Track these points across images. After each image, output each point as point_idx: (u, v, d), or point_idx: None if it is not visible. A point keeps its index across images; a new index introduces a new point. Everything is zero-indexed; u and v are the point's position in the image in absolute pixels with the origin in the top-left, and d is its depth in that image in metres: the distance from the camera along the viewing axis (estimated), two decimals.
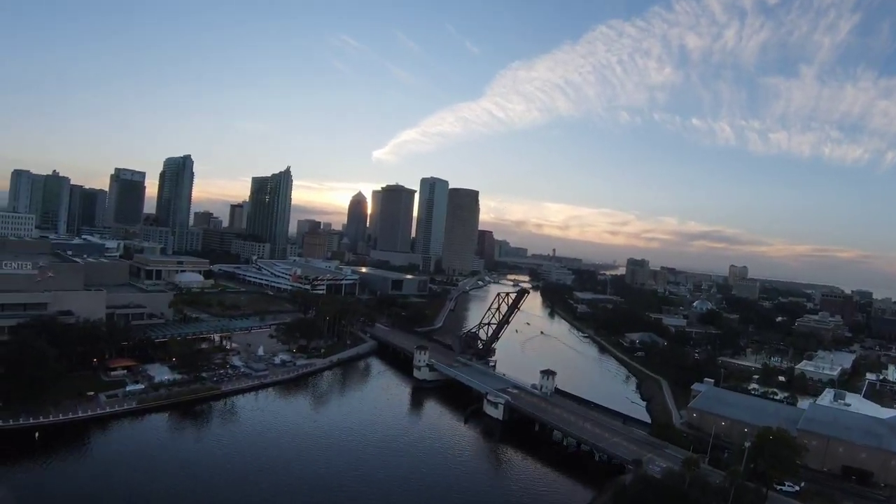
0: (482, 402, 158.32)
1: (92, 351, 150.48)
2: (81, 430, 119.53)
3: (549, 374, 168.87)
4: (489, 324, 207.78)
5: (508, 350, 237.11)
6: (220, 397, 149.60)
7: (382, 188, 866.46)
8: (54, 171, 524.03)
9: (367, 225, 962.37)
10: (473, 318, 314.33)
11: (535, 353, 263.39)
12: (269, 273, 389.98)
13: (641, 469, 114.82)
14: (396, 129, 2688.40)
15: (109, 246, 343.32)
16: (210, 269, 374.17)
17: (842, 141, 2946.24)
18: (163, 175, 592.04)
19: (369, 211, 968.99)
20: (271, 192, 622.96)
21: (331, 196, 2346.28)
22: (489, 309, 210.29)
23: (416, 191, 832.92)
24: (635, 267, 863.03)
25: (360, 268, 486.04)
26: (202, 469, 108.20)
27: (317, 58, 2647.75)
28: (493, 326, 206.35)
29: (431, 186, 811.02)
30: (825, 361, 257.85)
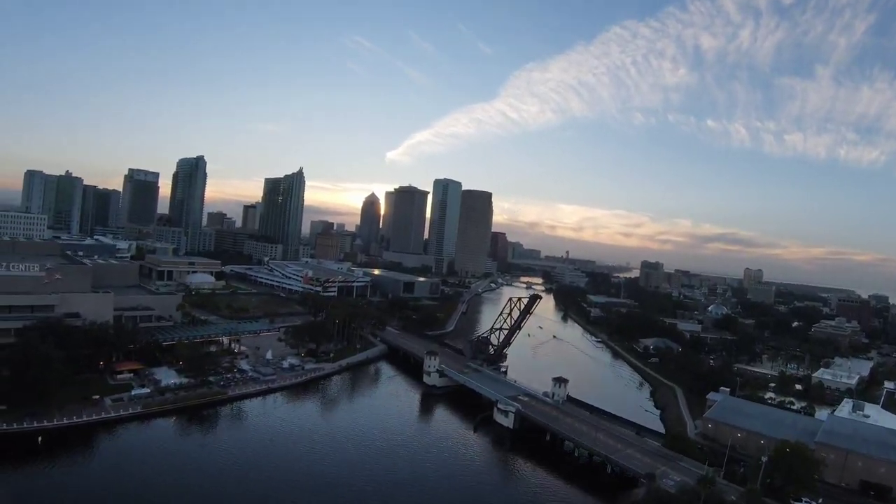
0: (493, 409, 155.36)
1: (98, 354, 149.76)
2: (85, 435, 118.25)
3: (561, 381, 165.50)
4: (501, 329, 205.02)
5: (520, 354, 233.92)
6: (227, 402, 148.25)
7: (395, 189, 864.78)
8: (67, 171, 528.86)
9: (380, 226, 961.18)
10: (485, 322, 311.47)
11: (547, 359, 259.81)
12: (280, 274, 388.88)
13: (655, 483, 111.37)
14: (410, 130, 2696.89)
15: (121, 247, 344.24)
16: (222, 270, 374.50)
17: (858, 143, 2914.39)
18: (176, 176, 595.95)
19: (382, 212, 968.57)
20: (284, 192, 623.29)
21: (344, 197, 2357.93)
22: (501, 314, 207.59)
23: (429, 192, 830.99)
24: (649, 270, 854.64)
25: (373, 270, 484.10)
26: (203, 478, 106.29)
27: (331, 59, 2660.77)
28: (505, 331, 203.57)
29: (444, 188, 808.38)
30: (843, 369, 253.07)
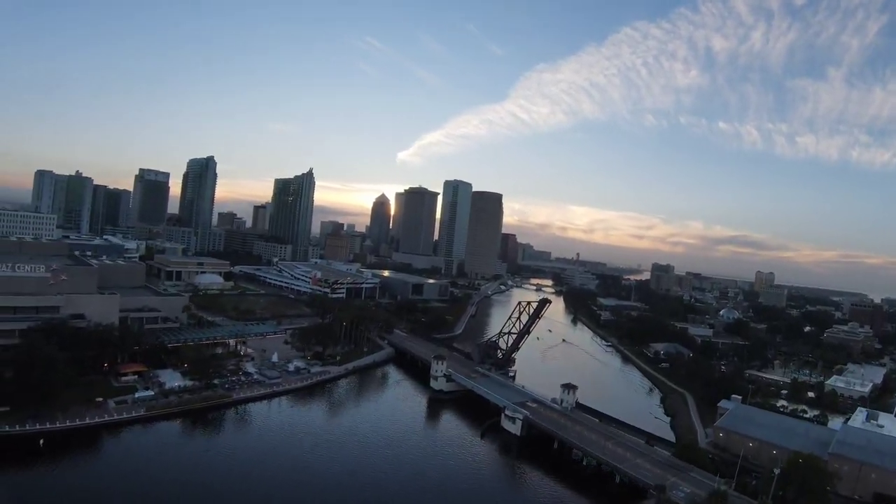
0: (500, 416, 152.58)
1: (103, 355, 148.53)
2: (88, 438, 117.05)
3: (570, 388, 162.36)
4: (509, 333, 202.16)
5: (529, 358, 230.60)
6: (231, 405, 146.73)
7: (405, 190, 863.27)
8: (77, 171, 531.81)
9: (390, 227, 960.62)
10: (494, 325, 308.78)
11: (556, 363, 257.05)
12: (289, 275, 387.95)
13: (664, 495, 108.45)
14: (421, 130, 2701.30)
15: (129, 247, 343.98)
16: (230, 270, 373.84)
17: (870, 144, 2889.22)
18: (186, 176, 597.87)
19: (392, 213, 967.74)
20: (294, 193, 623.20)
21: (355, 197, 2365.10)
22: (510, 318, 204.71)
23: (439, 193, 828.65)
24: (660, 272, 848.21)
25: (382, 271, 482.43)
26: (205, 483, 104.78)
27: (341, 60, 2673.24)
28: (514, 336, 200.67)
29: (454, 189, 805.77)
30: (856, 376, 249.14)
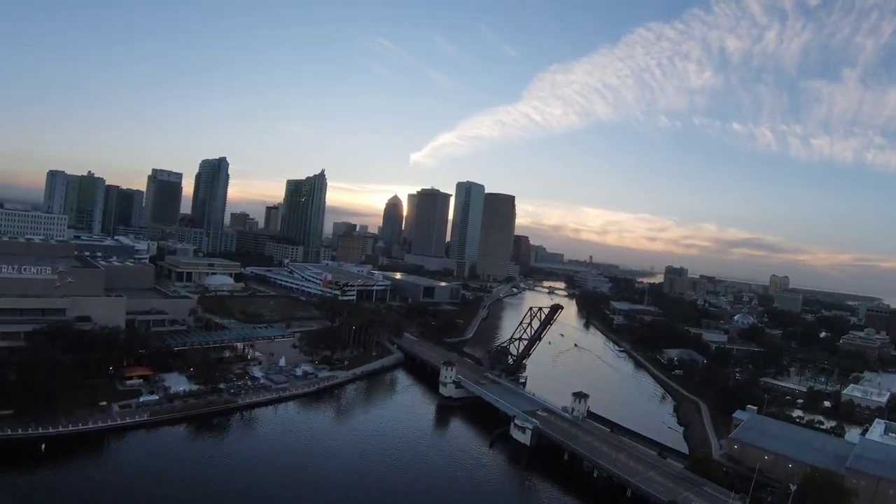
0: (510, 424, 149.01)
1: (108, 358, 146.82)
2: (90, 443, 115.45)
3: (581, 396, 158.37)
4: (520, 339, 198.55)
5: (540, 363, 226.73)
6: (237, 410, 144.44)
7: (418, 192, 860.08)
8: (89, 171, 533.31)
9: (402, 228, 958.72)
10: (506, 328, 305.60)
11: (567, 368, 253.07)
12: (300, 277, 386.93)
13: None
14: (434, 132, 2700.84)
15: (140, 248, 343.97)
16: (241, 271, 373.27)
17: (885, 147, 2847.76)
18: (198, 177, 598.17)
19: (405, 214, 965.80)
20: (306, 194, 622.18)
21: (368, 198, 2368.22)
22: (521, 323, 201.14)
23: (451, 195, 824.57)
24: (673, 276, 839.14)
25: (394, 274, 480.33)
26: (206, 491, 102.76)
27: (354, 61, 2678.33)
28: (525, 342, 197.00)
29: (467, 190, 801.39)
30: (873, 385, 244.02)
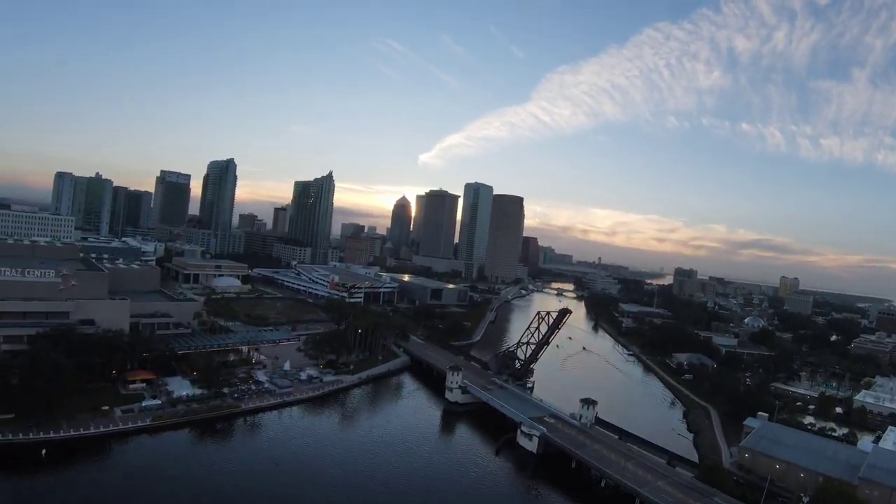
0: (516, 431, 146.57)
1: (111, 362, 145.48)
2: (91, 448, 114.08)
3: (589, 403, 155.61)
4: (528, 343, 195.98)
5: (548, 367, 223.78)
6: (240, 416, 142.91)
7: (426, 193, 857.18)
8: (98, 173, 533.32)
9: (410, 229, 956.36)
10: (514, 331, 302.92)
11: (575, 373, 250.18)
12: (307, 279, 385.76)
13: None
14: (442, 133, 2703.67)
15: (146, 249, 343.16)
16: (248, 273, 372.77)
17: (895, 147, 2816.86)
18: (206, 178, 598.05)
19: (413, 215, 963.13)
20: (313, 195, 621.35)
21: (377, 199, 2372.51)
22: (528, 328, 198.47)
23: (459, 196, 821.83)
24: (683, 277, 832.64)
25: (402, 275, 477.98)
26: (206, 498, 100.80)
27: (363, 62, 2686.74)
28: (532, 346, 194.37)
29: (475, 192, 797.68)
30: (885, 391, 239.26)
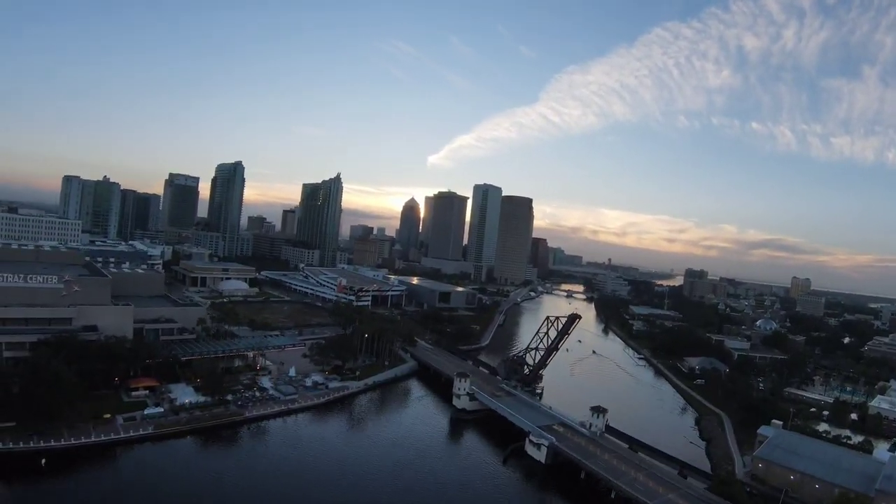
0: (524, 440, 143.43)
1: (114, 369, 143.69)
2: (91, 457, 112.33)
3: (599, 411, 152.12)
4: (537, 349, 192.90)
5: (557, 371, 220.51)
6: (244, 423, 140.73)
7: (435, 195, 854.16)
8: (105, 176, 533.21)
9: (419, 231, 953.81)
10: (523, 335, 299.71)
11: (585, 377, 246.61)
12: (314, 282, 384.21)
13: None
14: (451, 134, 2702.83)
15: (153, 253, 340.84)
16: (256, 276, 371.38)
17: None
18: (214, 181, 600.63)
19: (422, 216, 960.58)
20: (322, 198, 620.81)
21: (386, 200, 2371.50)
22: (537, 333, 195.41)
23: (468, 197, 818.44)
24: (694, 278, 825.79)
25: (410, 278, 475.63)
26: None
27: (371, 64, 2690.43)
28: (541, 352, 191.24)
29: (484, 193, 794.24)
30: None
